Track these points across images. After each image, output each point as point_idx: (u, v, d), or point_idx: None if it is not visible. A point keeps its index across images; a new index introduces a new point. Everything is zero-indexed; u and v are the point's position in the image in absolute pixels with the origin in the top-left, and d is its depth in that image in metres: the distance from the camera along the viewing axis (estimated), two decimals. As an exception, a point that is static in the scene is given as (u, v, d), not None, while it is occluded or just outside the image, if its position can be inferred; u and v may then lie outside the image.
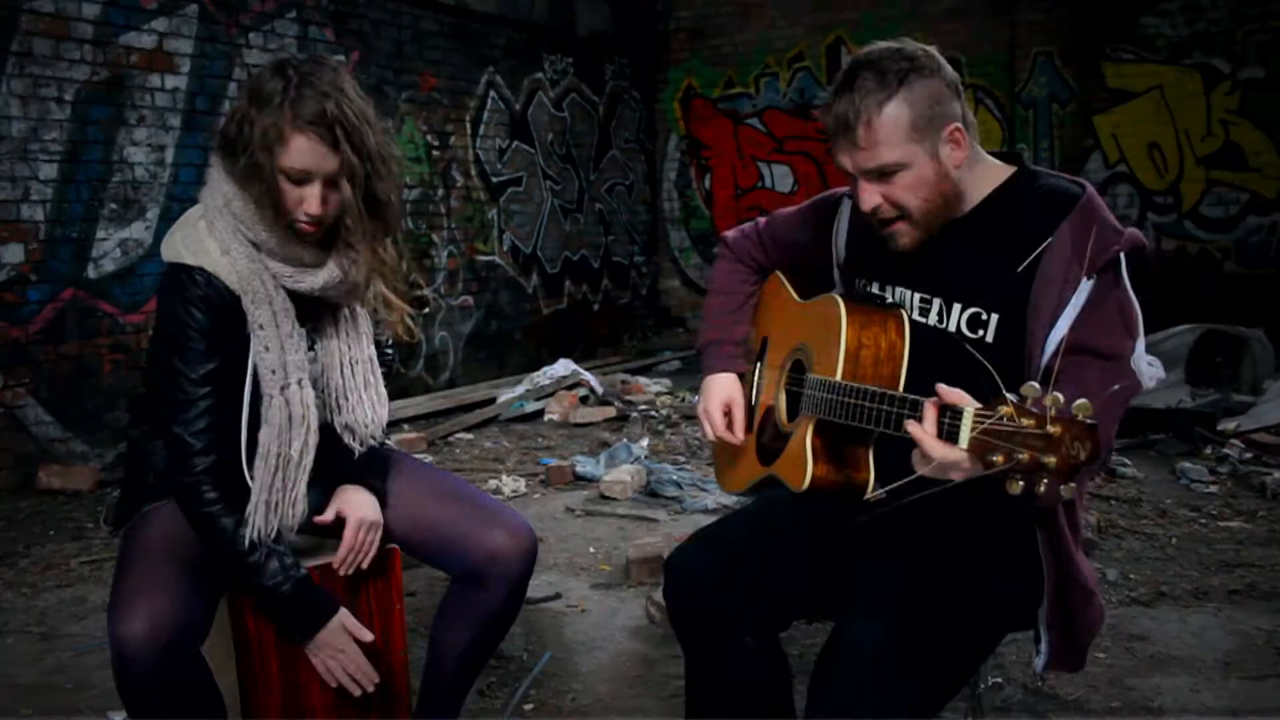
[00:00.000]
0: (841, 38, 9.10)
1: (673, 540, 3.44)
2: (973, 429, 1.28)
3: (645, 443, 5.18)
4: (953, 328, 1.64)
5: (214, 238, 1.70)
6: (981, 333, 1.61)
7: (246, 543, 1.68)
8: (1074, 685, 2.51)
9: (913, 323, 1.67)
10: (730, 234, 2.06)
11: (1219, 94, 7.90)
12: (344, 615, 1.76)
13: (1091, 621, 1.64)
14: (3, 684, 2.71)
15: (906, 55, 1.55)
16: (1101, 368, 1.48)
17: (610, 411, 6.09)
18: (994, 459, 1.24)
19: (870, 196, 1.59)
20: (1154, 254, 8.14)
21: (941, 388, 1.37)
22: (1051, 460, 1.21)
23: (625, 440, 5.26)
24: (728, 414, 1.93)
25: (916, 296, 1.69)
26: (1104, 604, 1.70)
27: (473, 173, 7.64)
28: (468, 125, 7.57)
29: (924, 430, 1.36)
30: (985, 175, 1.64)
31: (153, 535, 1.72)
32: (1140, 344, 1.52)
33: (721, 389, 1.95)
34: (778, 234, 1.98)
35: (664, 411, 6.15)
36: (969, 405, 1.30)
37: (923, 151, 1.55)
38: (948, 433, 1.33)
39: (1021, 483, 1.23)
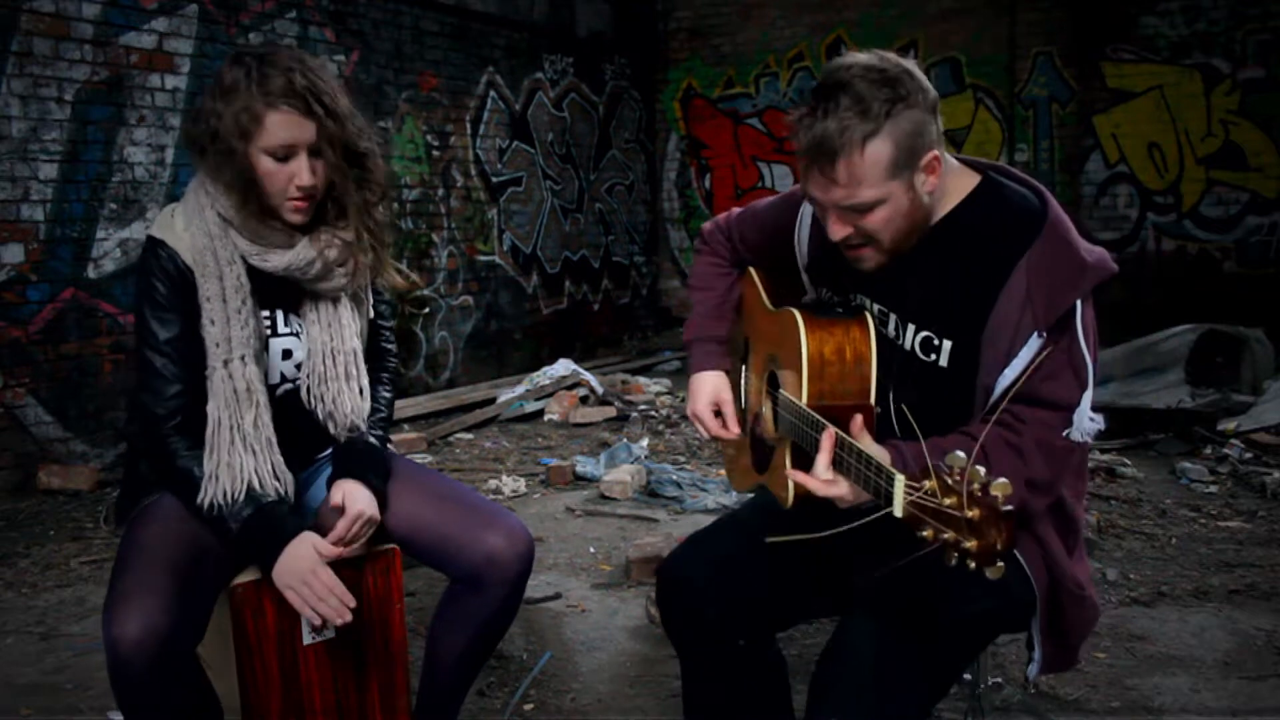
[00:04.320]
0: (841, 38, 9.10)
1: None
2: (905, 498, 1.25)
3: (645, 443, 5.18)
4: (907, 346, 1.61)
5: (183, 214, 1.76)
6: (934, 357, 1.58)
7: (206, 505, 1.70)
8: (1074, 685, 2.52)
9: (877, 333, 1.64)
10: (706, 226, 2.05)
11: (1219, 94, 7.91)
12: (310, 535, 1.72)
13: (1084, 621, 1.64)
14: (3, 684, 2.71)
15: (890, 80, 1.45)
16: (1046, 417, 1.47)
17: (610, 411, 6.09)
18: (924, 534, 1.22)
19: (840, 228, 1.53)
20: (1154, 254, 8.15)
21: (856, 425, 1.46)
22: (972, 544, 1.18)
23: (625, 440, 5.26)
24: (718, 412, 1.92)
25: (876, 306, 1.66)
26: (1099, 602, 1.70)
27: (473, 173, 7.64)
28: (468, 125, 7.57)
29: (806, 476, 1.47)
30: (952, 188, 1.57)
31: (150, 534, 1.72)
32: (1087, 395, 1.49)
33: (707, 387, 1.93)
34: (745, 234, 1.95)
35: (664, 411, 6.15)
36: (899, 475, 1.27)
37: (900, 186, 1.48)
38: (885, 494, 1.30)
39: (956, 555, 1.20)
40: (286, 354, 1.86)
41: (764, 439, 1.82)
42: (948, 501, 1.19)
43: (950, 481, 1.20)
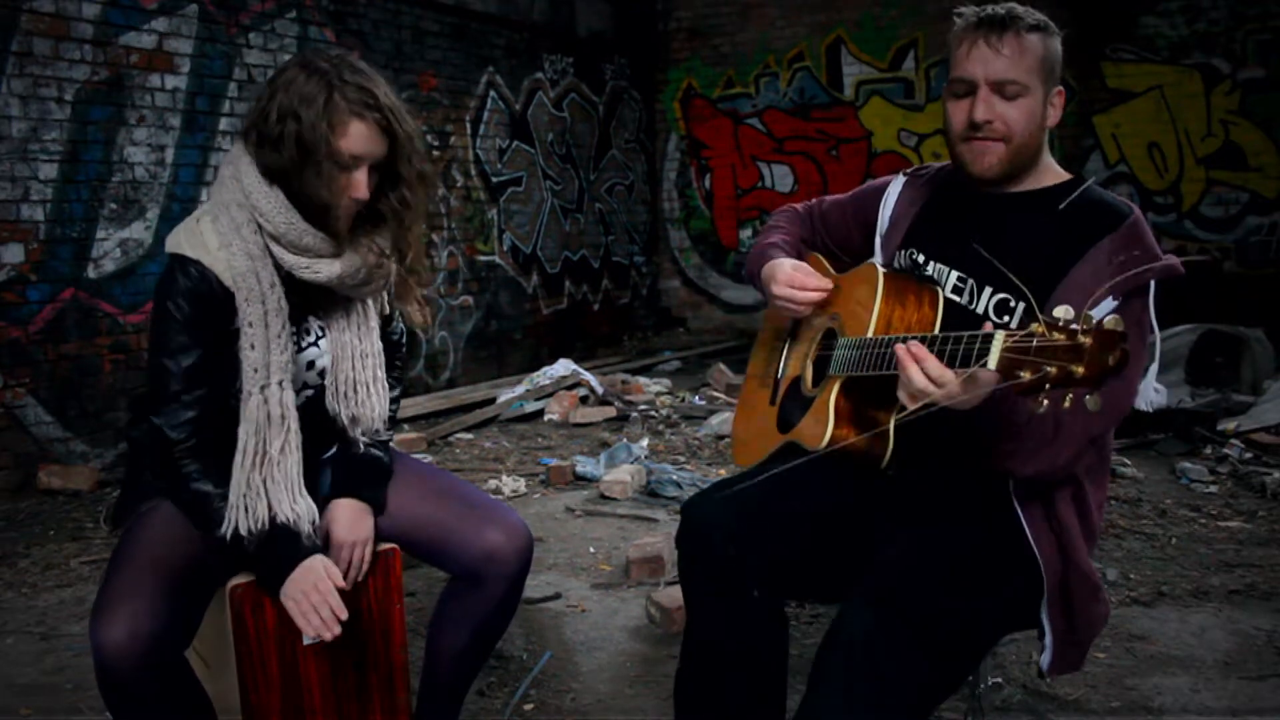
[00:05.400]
0: (841, 38, 9.10)
1: (673, 540, 3.44)
2: (1003, 347, 1.29)
3: (645, 443, 5.18)
4: (980, 310, 1.67)
5: (216, 232, 1.69)
6: (1008, 319, 1.64)
7: (229, 535, 1.67)
8: (1074, 685, 2.52)
9: (946, 300, 1.70)
10: (780, 210, 2.14)
11: (1219, 94, 7.91)
12: (321, 558, 1.72)
13: (1095, 619, 1.64)
14: (3, 684, 2.71)
15: (1039, 16, 1.68)
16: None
17: (610, 411, 6.08)
18: (1021, 374, 1.25)
19: (989, 107, 1.64)
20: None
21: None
22: (1079, 370, 1.22)
23: (625, 440, 5.26)
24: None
25: (954, 275, 1.72)
26: (1109, 602, 1.70)
27: (473, 173, 7.64)
28: (468, 125, 7.57)
29: (913, 356, 1.43)
30: (1049, 168, 1.73)
31: (144, 538, 1.72)
32: (1154, 368, 1.58)
33: (783, 265, 1.88)
34: (827, 214, 2.05)
35: (664, 411, 6.15)
36: (999, 331, 1.32)
37: (1041, 90, 1.66)
38: (977, 358, 1.34)
39: (1045, 401, 1.24)
40: (310, 364, 1.84)
41: (800, 398, 1.85)
42: (1058, 336, 1.23)
43: (1060, 322, 1.24)
